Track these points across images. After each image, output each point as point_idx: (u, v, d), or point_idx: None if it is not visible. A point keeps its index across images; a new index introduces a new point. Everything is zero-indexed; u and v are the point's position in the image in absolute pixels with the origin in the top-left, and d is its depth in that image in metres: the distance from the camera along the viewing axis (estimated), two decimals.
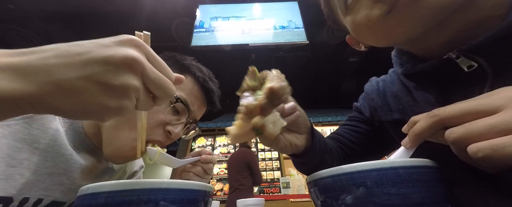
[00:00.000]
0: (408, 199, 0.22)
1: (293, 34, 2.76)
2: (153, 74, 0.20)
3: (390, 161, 0.24)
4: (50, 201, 0.35)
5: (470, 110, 0.19)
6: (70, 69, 0.17)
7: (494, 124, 0.17)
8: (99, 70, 0.17)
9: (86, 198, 0.23)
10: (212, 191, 0.30)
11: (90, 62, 0.17)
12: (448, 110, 0.20)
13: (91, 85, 0.17)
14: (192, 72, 0.47)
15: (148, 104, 0.22)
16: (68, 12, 3.21)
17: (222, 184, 3.07)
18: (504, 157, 0.16)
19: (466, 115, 0.19)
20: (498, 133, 0.17)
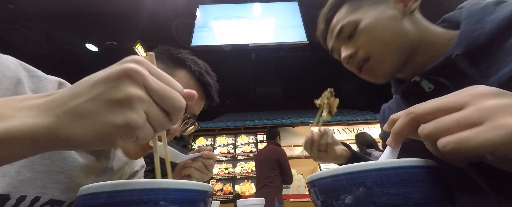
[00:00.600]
0: (408, 199, 0.22)
1: (293, 34, 2.76)
2: (156, 84, 0.20)
3: (390, 161, 0.24)
4: (48, 199, 0.34)
5: (441, 106, 0.20)
6: (79, 96, 0.18)
7: (459, 119, 0.18)
8: (103, 89, 0.18)
9: (86, 198, 0.23)
10: (212, 191, 0.30)
11: (95, 84, 0.18)
12: (421, 108, 0.22)
13: (97, 105, 0.18)
14: (187, 66, 0.47)
15: (160, 118, 0.21)
16: (68, 12, 3.21)
17: (222, 184, 3.07)
18: (469, 149, 0.17)
19: (437, 111, 0.20)
20: (464, 127, 0.18)
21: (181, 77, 0.45)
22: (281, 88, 5.46)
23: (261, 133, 3.65)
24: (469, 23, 0.35)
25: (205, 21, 2.91)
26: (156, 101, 0.20)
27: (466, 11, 0.37)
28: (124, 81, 0.18)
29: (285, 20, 2.89)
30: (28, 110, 0.18)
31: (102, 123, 0.18)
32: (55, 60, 3.86)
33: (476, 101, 0.18)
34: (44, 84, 0.37)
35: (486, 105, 0.17)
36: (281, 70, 4.67)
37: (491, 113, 0.17)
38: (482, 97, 0.18)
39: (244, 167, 3.23)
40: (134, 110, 0.18)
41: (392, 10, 0.42)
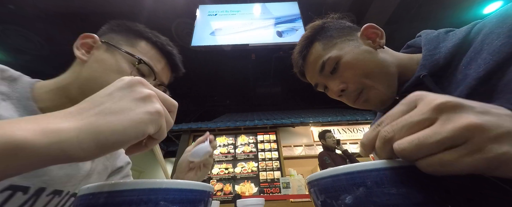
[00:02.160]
0: (408, 199, 0.22)
1: (293, 34, 2.76)
2: (156, 89, 0.26)
3: (390, 161, 0.24)
4: (7, 185, 0.33)
5: (409, 125, 0.21)
6: (102, 102, 0.22)
7: (440, 141, 0.19)
8: (125, 92, 0.23)
9: (86, 198, 0.23)
10: (212, 191, 0.30)
11: (113, 92, 0.23)
12: (390, 129, 0.23)
13: (128, 103, 0.22)
14: (147, 37, 0.49)
15: (168, 114, 0.26)
16: (68, 12, 3.21)
17: (222, 184, 3.07)
18: (452, 172, 0.19)
19: (407, 130, 0.21)
20: (445, 148, 0.19)
21: (143, 47, 0.47)
22: (281, 88, 5.46)
23: (261, 133, 3.65)
24: (428, 49, 0.40)
25: (205, 21, 2.92)
26: (160, 99, 0.26)
27: (424, 38, 0.43)
28: (139, 86, 0.24)
29: (285, 20, 2.89)
30: (63, 118, 0.20)
31: (136, 113, 0.22)
32: (55, 60, 3.87)
33: (444, 116, 0.19)
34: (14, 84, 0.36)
35: (460, 124, 0.18)
36: (281, 70, 4.67)
37: (468, 134, 0.18)
38: (447, 111, 0.19)
39: (244, 167, 3.23)
40: (156, 102, 0.24)
41: (363, 45, 0.47)
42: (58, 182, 0.39)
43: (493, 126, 0.18)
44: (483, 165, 0.18)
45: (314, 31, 0.52)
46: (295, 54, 0.55)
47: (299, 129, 4.10)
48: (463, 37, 0.36)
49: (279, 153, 3.40)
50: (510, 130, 0.18)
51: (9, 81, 0.38)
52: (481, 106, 0.20)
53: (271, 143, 3.53)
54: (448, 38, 0.39)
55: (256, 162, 3.30)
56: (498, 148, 0.18)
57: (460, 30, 0.38)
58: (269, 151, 3.43)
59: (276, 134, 3.65)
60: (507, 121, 0.19)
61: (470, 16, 3.40)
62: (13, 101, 0.37)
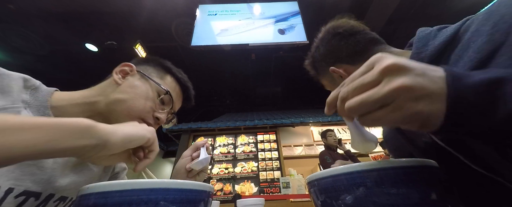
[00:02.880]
0: (408, 199, 0.22)
1: (293, 34, 2.76)
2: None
3: (390, 161, 0.24)
4: (22, 191, 0.35)
5: (360, 86, 0.24)
6: (120, 127, 0.33)
7: (376, 100, 0.22)
8: (132, 124, 0.36)
9: (86, 198, 0.23)
10: (212, 191, 0.30)
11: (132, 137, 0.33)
12: (345, 90, 0.26)
13: (138, 126, 0.36)
14: (174, 74, 0.58)
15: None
16: (68, 12, 3.21)
17: (222, 184, 3.07)
18: (381, 124, 0.24)
19: (358, 90, 0.24)
20: (379, 106, 0.23)
21: (169, 81, 0.57)
22: (281, 88, 5.46)
23: (261, 133, 3.65)
24: (417, 47, 0.40)
25: (205, 21, 2.91)
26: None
27: (417, 36, 0.43)
28: (140, 122, 0.40)
29: (285, 20, 2.89)
30: (77, 138, 0.27)
31: (141, 129, 0.35)
32: (55, 60, 3.87)
33: (387, 79, 0.22)
34: (8, 82, 0.37)
35: (395, 86, 0.21)
36: (281, 70, 4.67)
37: (396, 95, 0.21)
38: (390, 74, 0.22)
39: (244, 167, 3.23)
40: (152, 129, 0.37)
41: None
42: (66, 189, 0.42)
43: (420, 87, 0.21)
44: (399, 119, 0.22)
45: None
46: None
47: (299, 129, 4.10)
48: (451, 34, 0.36)
49: (279, 152, 3.40)
50: (431, 91, 0.21)
51: (31, 90, 0.41)
52: (422, 68, 0.22)
53: (271, 143, 3.52)
54: (438, 35, 0.38)
55: (256, 161, 3.30)
56: (414, 106, 0.21)
57: (452, 27, 0.38)
58: (269, 150, 3.43)
59: (276, 134, 3.65)
60: (434, 83, 0.22)
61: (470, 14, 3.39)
62: (32, 110, 0.40)
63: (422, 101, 0.21)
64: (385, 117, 0.22)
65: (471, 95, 0.20)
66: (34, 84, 0.42)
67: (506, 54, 0.27)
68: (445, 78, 0.22)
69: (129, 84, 0.50)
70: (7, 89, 0.36)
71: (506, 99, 0.19)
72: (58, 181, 0.41)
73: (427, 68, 0.23)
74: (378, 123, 0.23)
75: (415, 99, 0.21)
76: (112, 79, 0.51)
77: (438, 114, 0.21)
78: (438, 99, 0.21)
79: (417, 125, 0.22)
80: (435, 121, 0.22)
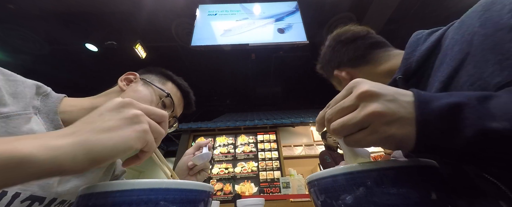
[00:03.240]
0: (408, 199, 0.22)
1: (293, 34, 2.76)
2: (144, 106, 0.29)
3: (390, 161, 0.24)
4: (28, 195, 0.36)
5: (340, 110, 0.27)
6: (94, 121, 0.24)
7: (355, 124, 0.25)
8: (114, 113, 0.26)
9: (86, 198, 0.23)
10: (212, 191, 0.30)
11: (104, 113, 0.25)
12: (329, 113, 0.28)
13: (116, 122, 0.24)
14: (175, 80, 0.62)
15: (157, 129, 0.29)
16: (68, 12, 3.21)
17: (222, 184, 3.07)
18: (362, 145, 0.25)
19: (340, 113, 0.27)
20: (358, 129, 0.25)
21: (171, 87, 0.60)
22: (281, 88, 5.46)
23: (261, 133, 3.65)
24: (407, 52, 0.42)
25: (205, 21, 2.91)
26: (148, 116, 0.28)
27: (409, 41, 0.44)
28: (127, 107, 0.27)
29: (285, 20, 2.89)
30: (62, 136, 0.22)
31: (125, 131, 0.24)
32: (55, 60, 3.87)
33: (362, 105, 0.25)
34: (22, 88, 0.38)
35: (368, 112, 0.23)
36: (281, 70, 4.67)
37: (371, 120, 0.24)
38: (365, 100, 0.24)
39: (244, 167, 3.23)
40: (142, 121, 0.26)
41: None
42: (67, 193, 0.43)
43: (390, 112, 0.23)
44: (377, 141, 0.24)
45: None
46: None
47: (299, 129, 4.10)
48: (436, 39, 0.37)
49: (279, 152, 3.40)
50: (401, 116, 0.23)
51: (42, 96, 0.42)
52: (392, 94, 0.25)
53: (271, 143, 3.52)
54: (427, 40, 0.40)
55: (256, 161, 3.30)
56: (387, 130, 0.23)
57: (439, 32, 0.39)
58: (269, 150, 3.43)
59: (276, 134, 3.65)
60: (403, 108, 0.24)
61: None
62: (42, 115, 0.41)
63: (394, 126, 0.23)
64: (364, 139, 0.24)
65: (436, 119, 0.22)
66: (45, 91, 0.44)
67: (471, 63, 0.29)
68: (413, 103, 0.24)
69: (132, 89, 0.54)
70: (21, 96, 0.38)
71: (465, 124, 0.21)
72: (61, 186, 0.42)
73: (397, 93, 0.25)
74: (360, 144, 0.25)
75: (387, 123, 0.23)
76: (118, 87, 0.55)
77: (409, 137, 0.23)
78: (408, 123, 0.23)
79: (394, 146, 0.24)
80: (408, 142, 0.23)
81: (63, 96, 0.47)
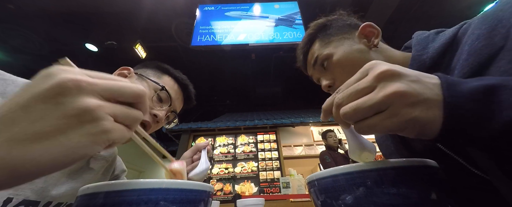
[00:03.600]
0: (408, 199, 0.22)
1: (293, 34, 2.76)
2: (100, 83, 0.18)
3: (390, 161, 0.24)
4: (21, 200, 0.35)
5: (354, 93, 0.24)
6: (15, 120, 0.15)
7: (371, 106, 0.22)
8: (47, 107, 0.15)
9: (86, 198, 0.23)
10: (212, 191, 0.30)
11: (29, 105, 0.15)
12: (340, 97, 0.25)
13: (49, 124, 0.15)
14: (172, 73, 0.58)
15: (127, 113, 0.19)
16: (68, 12, 3.21)
17: (222, 184, 3.07)
18: (376, 131, 0.22)
19: (353, 96, 0.24)
20: (373, 112, 0.22)
21: (168, 81, 0.56)
22: (281, 88, 5.45)
23: (261, 133, 3.65)
24: (417, 49, 0.40)
25: (205, 21, 2.91)
26: (111, 99, 0.18)
27: (415, 39, 0.43)
28: (69, 94, 0.16)
29: (285, 19, 2.89)
30: None
31: (70, 139, 0.15)
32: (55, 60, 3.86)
33: (381, 85, 0.22)
34: (12, 88, 0.36)
35: (390, 92, 0.21)
36: (281, 70, 4.67)
37: (391, 101, 0.21)
38: (385, 80, 0.22)
39: (244, 167, 3.23)
40: (97, 118, 0.17)
41: (358, 44, 0.47)
42: (63, 196, 0.42)
43: (415, 93, 0.21)
44: (395, 126, 0.21)
45: (316, 29, 0.53)
46: (298, 50, 0.58)
47: (299, 129, 4.10)
48: (450, 37, 0.36)
49: (279, 152, 3.40)
50: (427, 97, 0.21)
51: (4, 83, 0.37)
52: (416, 75, 0.22)
53: (271, 143, 3.52)
54: (437, 38, 0.39)
55: (256, 161, 3.30)
56: (410, 113, 0.21)
57: (449, 30, 0.38)
58: (269, 150, 3.43)
59: (276, 134, 3.65)
60: (429, 90, 0.21)
61: (470, 16, 3.39)
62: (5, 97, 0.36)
63: (418, 108, 0.21)
64: (381, 123, 0.22)
65: (468, 102, 0.20)
66: (8, 79, 0.39)
67: (506, 58, 0.26)
68: (440, 85, 0.22)
69: None
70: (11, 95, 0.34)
71: (502, 107, 0.19)
72: (56, 189, 0.40)
73: (421, 75, 0.23)
74: (374, 130, 0.22)
75: (411, 105, 0.21)
76: None
77: (435, 121, 0.21)
78: (434, 106, 0.21)
79: (415, 132, 0.22)
80: (432, 127, 0.21)
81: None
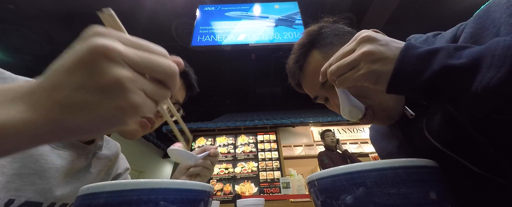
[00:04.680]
0: (408, 199, 0.22)
1: (293, 34, 2.76)
2: (137, 56, 0.18)
3: (390, 161, 0.24)
4: (23, 202, 0.34)
5: (341, 55, 0.31)
6: (61, 87, 0.16)
7: (348, 64, 0.30)
8: (83, 75, 0.16)
9: (86, 198, 0.23)
10: (212, 191, 0.30)
11: (70, 71, 0.16)
12: (332, 58, 0.33)
13: (90, 94, 0.16)
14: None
15: (160, 92, 0.19)
16: (68, 12, 3.21)
17: (222, 184, 3.07)
18: (350, 83, 0.31)
19: (339, 58, 0.31)
20: (350, 68, 0.30)
21: None
22: (281, 88, 5.45)
23: (261, 133, 3.65)
24: None
25: (205, 21, 2.91)
26: (145, 73, 0.18)
27: (416, 42, 0.44)
28: (101, 63, 0.16)
29: (285, 19, 2.89)
30: (9, 103, 0.16)
31: (105, 109, 0.16)
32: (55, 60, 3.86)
33: (359, 47, 0.29)
34: None
35: (361, 52, 0.28)
36: (281, 70, 4.66)
37: (360, 59, 0.28)
38: (362, 43, 0.29)
39: (244, 167, 3.23)
40: (130, 91, 0.17)
41: None
42: (67, 197, 0.41)
43: (378, 52, 0.27)
44: (360, 77, 0.29)
45: (310, 37, 0.47)
46: (291, 64, 0.50)
47: (299, 129, 4.10)
48: (449, 39, 0.37)
49: (279, 153, 3.40)
50: (386, 56, 0.27)
51: (4, 82, 0.37)
52: (387, 40, 0.28)
53: (271, 143, 3.52)
54: (436, 41, 0.39)
55: (256, 162, 3.30)
56: (370, 67, 0.28)
57: (447, 32, 0.38)
58: (269, 151, 3.43)
59: (276, 134, 3.65)
60: (391, 51, 0.27)
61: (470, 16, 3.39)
62: None
63: (378, 63, 0.27)
64: (351, 76, 0.29)
65: (413, 59, 0.26)
66: (8, 77, 0.39)
67: (488, 32, 0.29)
68: (401, 48, 0.27)
69: None
70: None
71: (434, 62, 0.24)
72: (59, 190, 0.40)
73: (391, 41, 0.29)
74: (347, 81, 0.30)
75: (373, 61, 0.27)
76: None
77: (387, 73, 0.27)
78: (390, 62, 0.27)
79: (372, 82, 0.28)
80: (385, 79, 0.27)
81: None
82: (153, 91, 0.19)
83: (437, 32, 0.41)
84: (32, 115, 0.16)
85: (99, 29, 0.17)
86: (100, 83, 0.16)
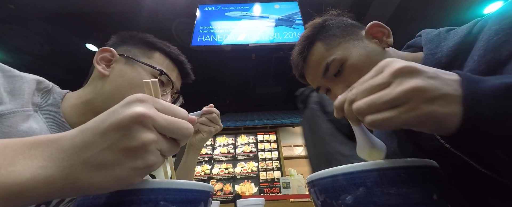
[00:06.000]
0: (408, 199, 0.22)
1: (293, 34, 2.76)
2: (164, 121, 0.20)
3: (391, 161, 0.24)
4: None
5: (369, 88, 0.24)
6: (92, 146, 0.18)
7: (387, 101, 0.22)
8: (116, 138, 0.18)
9: (86, 198, 0.23)
10: (212, 191, 0.30)
11: (106, 133, 0.18)
12: (354, 92, 0.25)
13: (115, 154, 0.18)
14: (160, 48, 0.51)
15: (172, 149, 0.22)
16: (68, 12, 3.21)
17: (222, 184, 3.07)
18: (391, 126, 0.22)
19: (368, 92, 0.24)
20: (389, 107, 0.22)
21: (158, 58, 0.50)
22: (281, 88, 5.45)
23: (261, 133, 3.65)
24: (429, 48, 0.39)
25: (205, 21, 2.91)
26: (167, 135, 0.21)
27: (425, 38, 0.41)
28: (136, 128, 0.18)
29: (285, 19, 2.89)
30: (33, 159, 0.17)
31: (122, 169, 0.18)
32: (55, 60, 3.86)
33: (398, 81, 0.22)
34: (20, 84, 0.36)
35: (408, 87, 0.21)
36: (281, 70, 4.66)
37: (409, 96, 0.21)
38: (402, 76, 0.22)
39: (244, 167, 3.23)
40: (150, 153, 0.19)
41: (370, 45, 0.44)
42: None
43: (433, 88, 0.21)
44: (413, 120, 0.21)
45: (314, 30, 0.48)
46: (295, 55, 0.51)
47: (299, 129, 4.10)
48: (465, 35, 0.35)
49: (279, 153, 3.40)
50: (445, 93, 0.21)
51: (43, 92, 0.40)
52: (434, 72, 0.22)
53: (271, 143, 3.52)
54: (449, 37, 0.37)
55: (256, 162, 3.30)
56: (428, 107, 0.21)
57: (462, 28, 0.37)
58: (269, 151, 3.43)
59: (276, 134, 3.65)
60: (448, 85, 0.21)
61: (470, 16, 3.40)
62: (43, 112, 0.38)
63: (437, 102, 0.21)
64: (399, 117, 0.22)
65: (488, 99, 0.20)
66: (47, 87, 0.41)
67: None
68: (459, 81, 0.22)
69: (117, 74, 0.45)
70: (19, 92, 0.35)
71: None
72: None
73: (440, 71, 0.23)
74: (389, 123, 0.22)
75: (429, 100, 0.21)
76: (97, 71, 0.45)
77: (454, 116, 0.21)
78: (453, 101, 0.21)
79: (433, 127, 0.22)
80: (450, 123, 0.21)
81: (66, 92, 0.44)
82: (167, 149, 0.21)
83: (450, 28, 0.40)
84: (54, 172, 0.17)
85: (140, 96, 0.20)
86: (128, 146, 0.18)
